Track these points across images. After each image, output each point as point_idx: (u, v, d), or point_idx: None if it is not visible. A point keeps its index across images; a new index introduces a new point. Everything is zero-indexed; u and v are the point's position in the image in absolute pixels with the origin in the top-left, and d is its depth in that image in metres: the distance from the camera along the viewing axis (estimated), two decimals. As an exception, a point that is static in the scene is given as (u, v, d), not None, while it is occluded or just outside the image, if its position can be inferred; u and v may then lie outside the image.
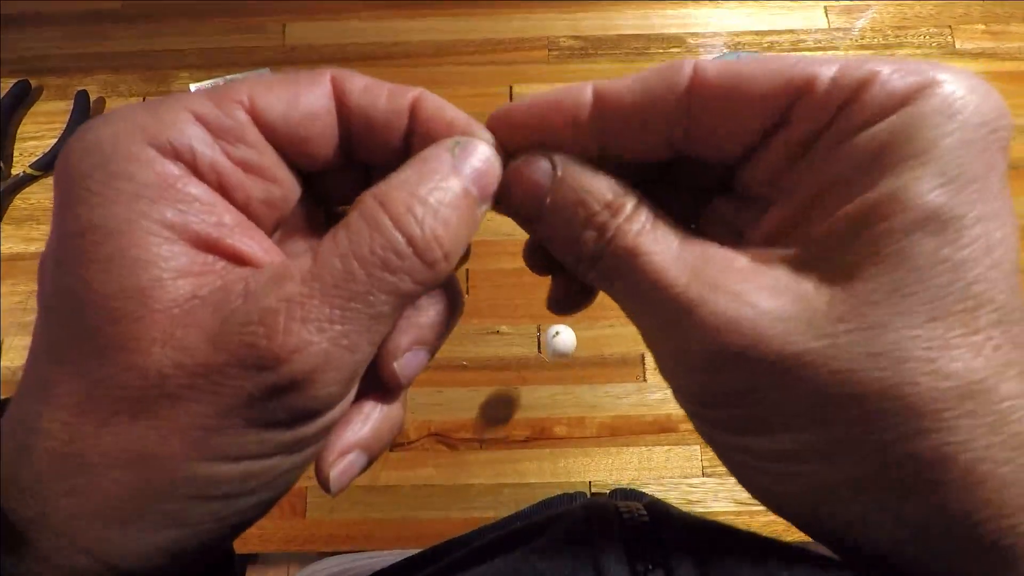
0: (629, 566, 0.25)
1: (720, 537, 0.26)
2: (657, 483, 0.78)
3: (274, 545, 0.78)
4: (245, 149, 0.19)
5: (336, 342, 0.18)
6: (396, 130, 0.21)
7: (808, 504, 0.20)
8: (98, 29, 0.99)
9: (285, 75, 0.20)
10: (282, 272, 0.18)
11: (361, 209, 0.18)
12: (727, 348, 0.18)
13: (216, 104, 0.19)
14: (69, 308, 0.17)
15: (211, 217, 0.18)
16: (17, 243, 0.88)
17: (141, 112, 0.18)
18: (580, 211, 0.20)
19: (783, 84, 0.20)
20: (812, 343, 0.17)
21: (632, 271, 0.19)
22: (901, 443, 0.17)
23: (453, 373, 0.83)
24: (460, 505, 0.79)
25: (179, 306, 0.17)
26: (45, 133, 0.93)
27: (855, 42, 0.96)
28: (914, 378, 0.17)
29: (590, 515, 0.28)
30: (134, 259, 0.17)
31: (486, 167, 0.20)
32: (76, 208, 0.17)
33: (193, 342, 0.17)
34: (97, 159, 0.17)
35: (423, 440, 0.81)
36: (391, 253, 0.18)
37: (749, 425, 0.19)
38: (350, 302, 0.18)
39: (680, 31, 0.97)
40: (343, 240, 0.18)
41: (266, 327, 0.17)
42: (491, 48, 0.96)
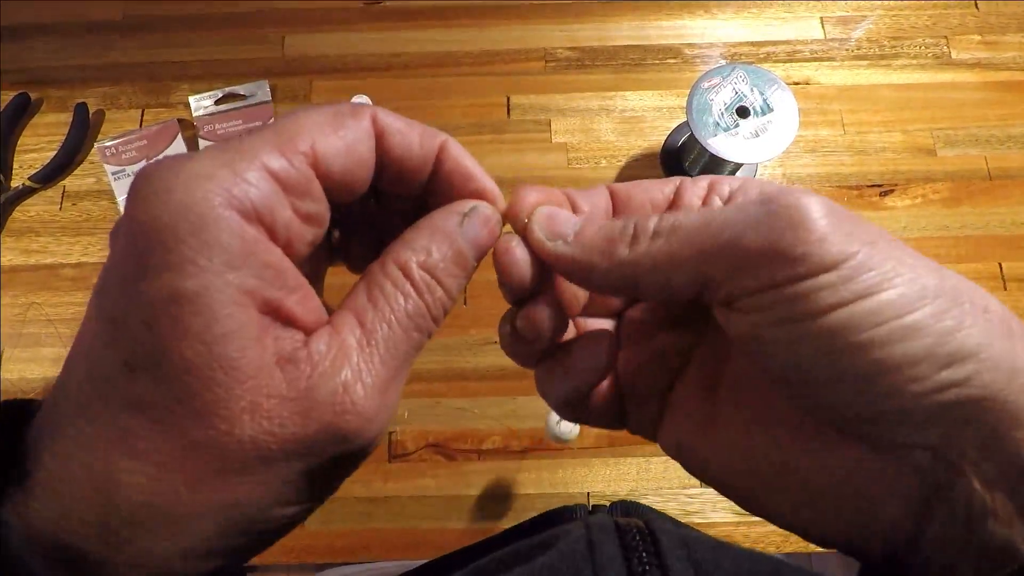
0: (625, 562, 0.25)
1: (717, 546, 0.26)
2: (655, 493, 0.78)
3: (272, 556, 0.78)
4: (310, 203, 0.21)
5: (393, 401, 0.21)
6: (424, 172, 0.24)
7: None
8: (98, 41, 0.99)
9: (333, 110, 0.22)
10: (342, 343, 0.20)
11: (392, 278, 0.22)
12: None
13: (286, 157, 0.20)
14: (161, 373, 0.18)
15: (280, 283, 0.20)
16: (16, 255, 0.88)
17: (222, 169, 0.19)
18: (619, 219, 0.23)
19: (662, 194, 0.27)
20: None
21: (689, 225, 0.21)
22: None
23: (450, 384, 0.83)
24: (458, 515, 0.78)
25: (256, 374, 0.19)
26: (45, 145, 0.93)
27: (851, 53, 0.96)
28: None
29: (590, 530, 0.28)
30: (225, 330, 0.18)
31: (488, 234, 0.24)
32: (169, 274, 0.18)
33: (282, 412, 0.19)
34: (191, 224, 0.18)
35: (421, 451, 0.80)
36: (420, 318, 0.22)
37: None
38: (400, 363, 0.21)
39: (676, 42, 0.97)
40: (384, 307, 0.21)
41: (350, 398, 0.19)
42: (488, 59, 0.97)
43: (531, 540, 0.31)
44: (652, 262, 0.22)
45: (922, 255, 0.20)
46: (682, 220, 0.21)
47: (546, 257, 0.24)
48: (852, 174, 0.91)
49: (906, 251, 0.20)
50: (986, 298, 0.20)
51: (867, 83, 0.95)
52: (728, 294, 0.21)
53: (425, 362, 0.83)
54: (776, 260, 0.19)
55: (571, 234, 0.24)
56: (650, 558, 0.27)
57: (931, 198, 0.89)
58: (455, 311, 0.85)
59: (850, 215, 0.20)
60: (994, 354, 0.18)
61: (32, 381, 0.83)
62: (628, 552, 0.27)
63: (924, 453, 0.20)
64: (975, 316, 0.19)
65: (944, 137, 0.92)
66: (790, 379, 0.21)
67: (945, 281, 0.19)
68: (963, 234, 0.87)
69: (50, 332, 0.85)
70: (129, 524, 0.18)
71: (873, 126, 0.93)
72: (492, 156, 0.90)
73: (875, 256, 0.19)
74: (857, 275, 0.19)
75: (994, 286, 0.85)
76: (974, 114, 0.93)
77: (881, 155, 0.91)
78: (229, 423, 0.18)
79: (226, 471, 0.18)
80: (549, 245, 0.24)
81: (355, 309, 0.21)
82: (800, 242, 0.19)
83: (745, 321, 0.21)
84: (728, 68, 0.79)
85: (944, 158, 0.91)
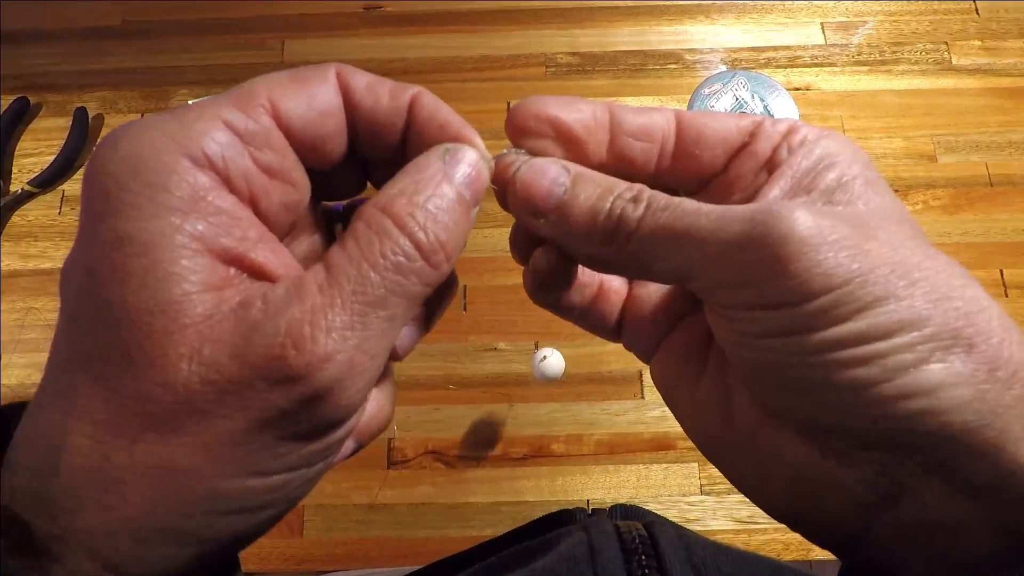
0: (625, 564, 0.25)
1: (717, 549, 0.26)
2: (655, 501, 0.77)
3: (271, 564, 0.77)
4: (270, 153, 0.20)
5: (359, 349, 0.18)
6: (396, 127, 0.22)
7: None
8: (97, 46, 0.99)
9: (294, 72, 0.21)
10: (300, 284, 0.18)
11: (367, 219, 0.19)
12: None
13: (243, 110, 0.20)
14: (100, 320, 0.17)
15: (237, 231, 0.19)
16: (15, 260, 0.88)
17: (172, 121, 0.18)
18: (606, 195, 0.21)
19: (738, 131, 0.24)
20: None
21: (675, 227, 0.20)
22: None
23: (450, 391, 0.82)
24: (458, 523, 0.78)
25: (204, 321, 0.17)
26: (44, 150, 0.93)
27: (851, 58, 0.96)
28: None
29: (590, 533, 0.28)
30: (167, 273, 0.17)
31: (476, 172, 0.22)
32: (112, 219, 0.17)
33: (220, 358, 0.17)
34: (133, 169, 0.17)
35: (420, 458, 0.80)
36: (401, 257, 0.19)
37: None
38: (368, 308, 0.18)
39: (677, 48, 0.97)
40: (354, 249, 0.19)
41: (292, 339, 0.17)
42: (489, 64, 0.97)
43: (531, 543, 0.31)
44: (633, 257, 0.21)
45: (945, 271, 0.19)
46: (669, 217, 0.20)
47: (529, 229, 0.23)
48: (853, 180, 0.90)
49: (914, 272, 0.19)
50: (984, 330, 0.19)
51: (868, 89, 0.95)
52: (710, 298, 0.21)
53: (424, 368, 0.83)
54: (754, 286, 0.19)
55: (553, 211, 0.22)
56: (650, 561, 0.27)
57: (932, 204, 0.89)
58: (454, 316, 0.85)
59: (851, 235, 0.19)
60: (958, 394, 0.18)
61: (31, 387, 0.83)
62: (628, 555, 0.27)
63: (869, 467, 0.20)
64: (950, 352, 0.18)
65: (945, 143, 0.92)
66: (745, 376, 0.22)
67: (941, 309, 0.18)
68: (964, 241, 0.87)
69: (49, 337, 0.85)
70: (69, 493, 0.17)
71: (874, 132, 0.93)
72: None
73: (860, 288, 0.18)
74: (831, 309, 0.18)
75: (995, 293, 0.85)
76: (975, 120, 0.93)
77: (882, 161, 0.91)
78: (164, 372, 0.17)
79: (162, 428, 0.17)
80: (531, 220, 0.22)
81: (326, 257, 0.19)
82: (776, 276, 0.19)
83: (721, 324, 0.22)
84: (729, 74, 0.79)
85: (945, 164, 0.91)
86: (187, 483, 0.17)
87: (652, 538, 0.28)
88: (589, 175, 0.22)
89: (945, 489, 0.19)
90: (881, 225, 0.20)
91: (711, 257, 0.20)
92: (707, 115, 0.24)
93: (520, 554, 0.30)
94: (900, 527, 0.20)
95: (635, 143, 0.23)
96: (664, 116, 0.24)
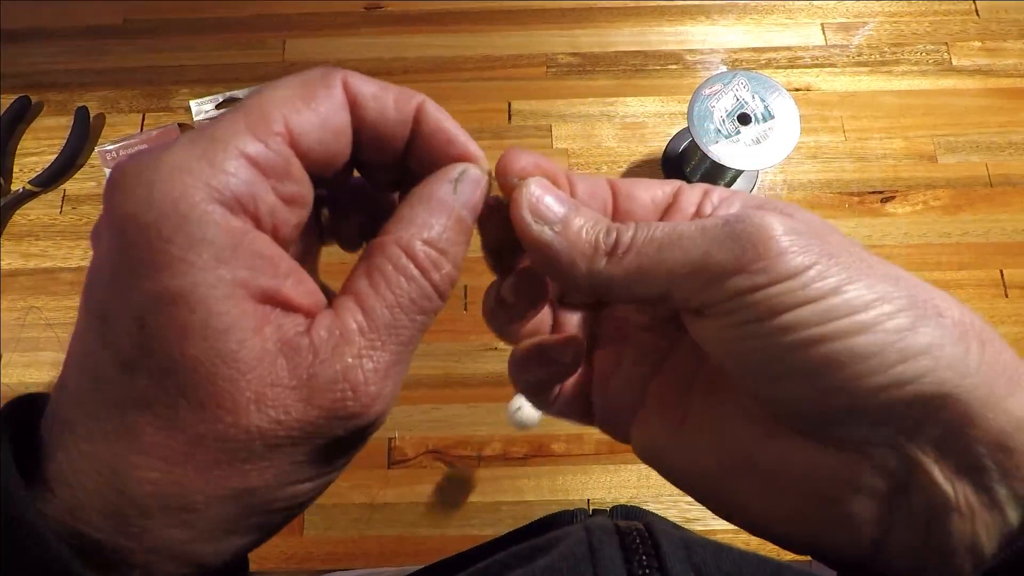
0: (625, 565, 0.25)
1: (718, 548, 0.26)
2: (655, 501, 0.77)
3: (272, 563, 0.77)
4: (291, 184, 0.21)
5: (396, 380, 0.21)
6: (400, 137, 0.23)
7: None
8: (99, 45, 0.99)
9: (301, 81, 0.21)
10: (343, 327, 0.20)
11: (393, 259, 0.21)
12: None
13: (262, 139, 0.20)
14: (157, 367, 0.18)
15: (271, 270, 0.20)
16: (16, 259, 0.88)
17: (200, 161, 0.19)
18: (602, 219, 0.23)
19: (663, 195, 0.26)
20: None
21: (663, 239, 0.22)
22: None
23: (450, 390, 0.82)
24: (458, 522, 0.78)
25: (257, 365, 0.19)
26: (45, 149, 0.93)
27: (852, 59, 0.96)
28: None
29: (590, 533, 0.28)
30: (223, 326, 0.18)
31: (481, 194, 0.23)
32: (160, 273, 0.18)
33: (286, 401, 0.19)
34: (175, 223, 0.18)
35: (420, 457, 0.80)
36: (425, 300, 0.21)
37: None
38: (401, 346, 0.21)
39: (677, 48, 0.97)
40: (387, 293, 0.21)
41: (351, 384, 0.20)
42: (490, 64, 0.97)
43: (531, 542, 0.31)
44: (624, 274, 0.22)
45: (886, 264, 0.22)
46: (655, 234, 0.22)
47: (526, 240, 0.24)
48: (853, 180, 0.91)
49: (868, 261, 0.21)
50: (943, 302, 0.21)
51: (868, 89, 0.95)
52: (694, 304, 0.22)
53: (425, 368, 0.83)
54: (739, 274, 0.20)
55: (559, 222, 0.23)
56: (650, 561, 0.27)
57: (932, 205, 0.89)
58: (455, 316, 0.85)
59: (814, 231, 0.21)
60: (947, 353, 0.19)
61: (31, 385, 0.83)
62: (629, 554, 0.27)
63: (883, 451, 0.20)
64: (928, 318, 0.20)
65: (945, 144, 0.92)
66: (746, 376, 0.22)
67: (901, 287, 0.20)
68: (964, 241, 0.87)
69: (49, 336, 0.85)
70: (144, 514, 0.18)
71: (874, 132, 0.93)
72: (493, 162, 0.90)
73: (833, 267, 0.20)
74: (812, 282, 0.20)
75: (995, 293, 0.85)
76: (975, 121, 0.93)
77: (882, 161, 0.91)
78: (235, 415, 0.18)
79: (235, 460, 0.19)
80: (535, 228, 0.23)
81: (356, 293, 0.21)
82: (760, 257, 0.20)
83: (708, 325, 0.22)
84: (729, 75, 0.79)
85: (945, 165, 0.91)
86: (256, 497, 0.20)
87: (653, 538, 0.28)
88: (580, 210, 0.24)
89: (949, 467, 0.20)
90: (829, 231, 0.22)
91: (695, 260, 0.21)
92: (637, 182, 0.27)
93: (520, 553, 0.30)
94: (914, 517, 0.20)
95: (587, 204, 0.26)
96: (603, 185, 0.26)
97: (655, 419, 0.27)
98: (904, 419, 0.20)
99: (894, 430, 0.20)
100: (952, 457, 0.20)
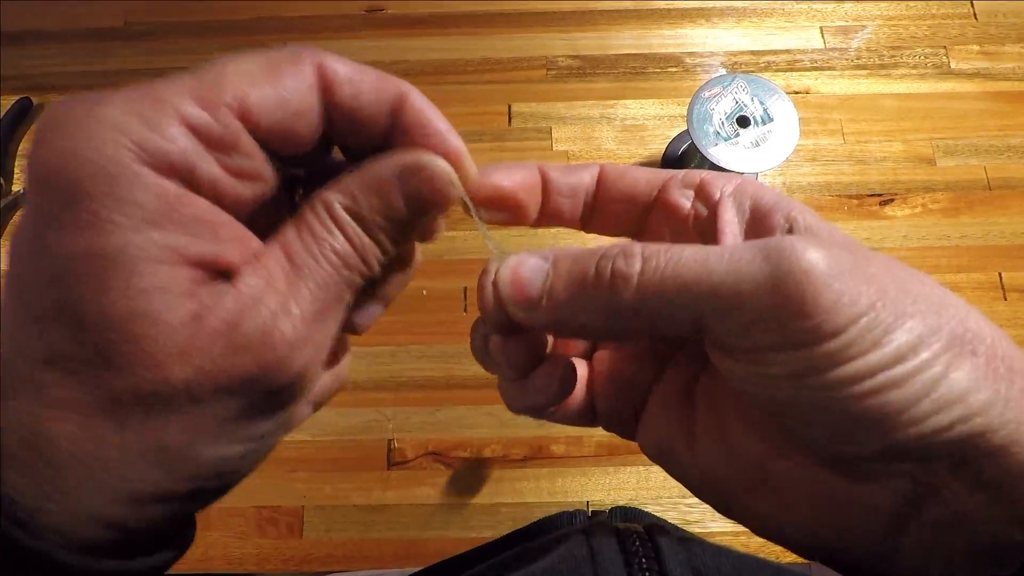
0: (625, 567, 0.25)
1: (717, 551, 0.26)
2: (655, 503, 0.77)
3: (271, 565, 0.77)
4: (239, 158, 0.19)
5: (323, 336, 0.21)
6: (379, 123, 0.22)
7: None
8: (100, 47, 0.99)
9: (267, 57, 0.20)
10: (268, 274, 0.20)
11: (320, 217, 0.21)
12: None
13: (207, 108, 0.19)
14: (72, 324, 0.18)
15: (208, 235, 0.19)
16: (16, 260, 0.88)
17: (130, 118, 0.18)
18: (588, 259, 0.21)
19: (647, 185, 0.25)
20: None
21: (684, 275, 0.20)
22: None
23: (450, 392, 0.83)
24: (457, 524, 0.78)
25: (187, 324, 0.18)
26: (45, 150, 0.93)
27: (851, 62, 0.97)
28: None
29: (590, 535, 0.28)
30: (146, 287, 0.18)
31: (433, 192, 0.21)
32: (84, 233, 0.17)
33: (211, 350, 0.18)
34: (101, 182, 0.17)
35: (420, 459, 0.80)
36: (349, 257, 0.21)
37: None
38: (326, 295, 0.20)
39: (677, 51, 0.98)
40: (310, 241, 0.20)
41: (275, 329, 0.19)
42: (489, 67, 0.97)
43: (531, 544, 0.31)
44: (639, 317, 0.21)
45: (925, 279, 0.20)
46: (673, 266, 0.20)
47: (522, 323, 0.23)
48: (852, 183, 0.91)
49: (910, 287, 0.20)
50: (977, 327, 0.19)
51: (867, 93, 0.95)
52: (724, 344, 0.20)
53: (424, 370, 0.83)
54: (780, 328, 0.19)
55: (543, 297, 0.22)
56: (650, 563, 0.27)
57: (931, 208, 0.89)
58: (454, 318, 0.85)
59: (855, 261, 0.19)
60: (981, 398, 0.19)
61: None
62: (628, 557, 0.27)
63: (901, 480, 0.20)
64: (963, 356, 0.19)
65: (944, 147, 0.92)
66: (774, 414, 0.21)
67: (943, 318, 0.19)
68: (963, 244, 0.87)
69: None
70: (61, 472, 0.18)
71: (873, 135, 0.93)
72: (492, 160, 0.90)
73: (880, 312, 0.19)
74: (860, 337, 0.18)
75: (994, 296, 0.85)
76: (974, 124, 0.93)
77: (881, 164, 0.91)
78: (155, 370, 0.18)
79: (156, 414, 0.18)
80: (523, 315, 0.22)
81: (283, 243, 0.20)
82: (808, 314, 0.18)
83: (739, 367, 0.21)
84: (728, 78, 0.79)
85: (944, 168, 0.91)
86: (177, 457, 0.19)
87: (652, 540, 0.28)
88: (566, 251, 0.22)
89: (966, 485, 0.19)
90: (860, 249, 0.21)
91: (727, 302, 0.19)
92: (628, 170, 0.26)
93: (520, 556, 0.30)
94: (925, 529, 0.20)
95: (564, 200, 0.25)
96: (589, 173, 0.25)
97: (660, 423, 0.26)
98: (932, 459, 0.19)
99: (915, 465, 0.20)
100: (971, 477, 0.19)
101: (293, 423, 0.23)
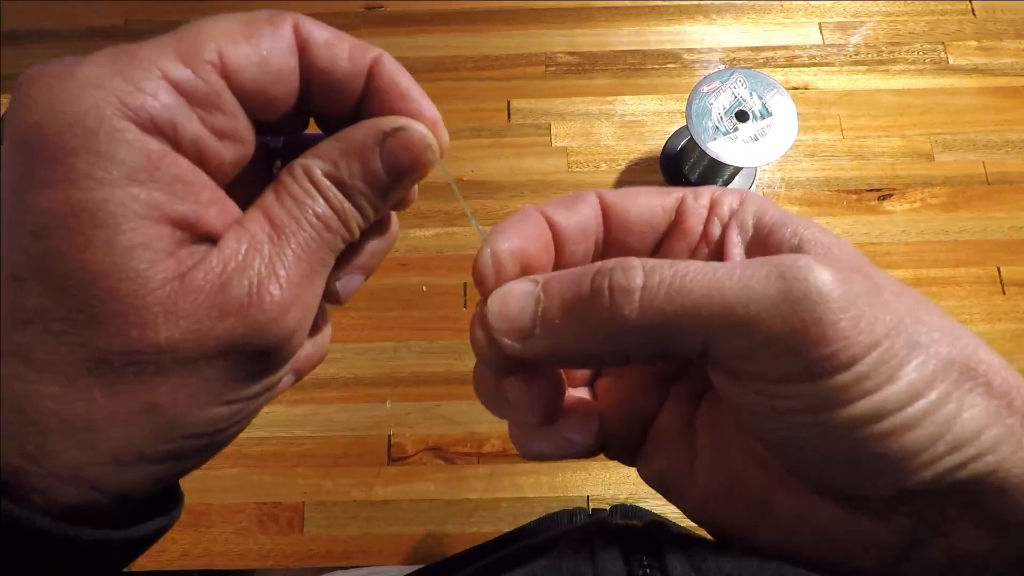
0: (626, 566, 0.25)
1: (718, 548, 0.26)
2: (655, 498, 0.77)
3: (272, 561, 0.78)
4: (221, 117, 0.19)
5: (309, 299, 0.21)
6: (353, 90, 0.22)
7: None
8: (100, 46, 0.97)
9: (246, 16, 0.20)
10: (252, 237, 0.19)
11: (300, 181, 0.21)
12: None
13: (190, 65, 0.19)
14: (54, 282, 0.17)
15: (191, 196, 0.19)
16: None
17: (111, 76, 0.18)
18: (582, 277, 0.20)
19: (663, 212, 0.24)
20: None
21: (693, 292, 0.19)
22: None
23: (450, 387, 0.83)
24: (458, 519, 0.78)
25: (171, 283, 0.18)
26: (46, 149, 0.93)
27: (849, 58, 0.97)
28: None
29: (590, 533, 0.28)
30: (131, 243, 0.17)
31: (412, 158, 0.21)
32: (64, 187, 0.17)
33: (198, 312, 0.18)
34: (81, 136, 0.17)
35: (421, 454, 0.80)
36: (330, 219, 0.21)
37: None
38: (310, 257, 0.20)
39: (675, 47, 0.98)
40: (291, 204, 0.20)
41: (263, 289, 0.19)
42: (489, 64, 0.97)
43: (530, 542, 0.31)
44: (642, 337, 0.20)
45: (934, 308, 0.20)
46: (680, 281, 0.19)
47: (519, 357, 0.21)
48: (851, 178, 0.91)
49: (924, 316, 0.19)
50: (988, 362, 0.19)
51: (865, 88, 0.95)
52: (729, 367, 0.20)
53: (425, 365, 0.83)
54: (792, 353, 0.18)
55: (536, 324, 0.21)
56: (651, 560, 0.27)
57: (929, 203, 0.89)
58: (455, 314, 0.85)
59: (871, 285, 0.19)
60: (992, 436, 0.18)
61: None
62: (629, 554, 0.27)
63: (906, 518, 0.20)
64: (975, 394, 0.18)
65: (942, 142, 0.92)
66: (782, 452, 0.20)
67: (956, 349, 0.19)
68: (961, 238, 0.87)
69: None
70: (42, 433, 0.17)
71: (872, 131, 0.93)
72: (492, 161, 0.91)
73: (895, 342, 0.18)
74: (874, 370, 0.18)
75: (992, 290, 0.85)
76: (972, 119, 0.93)
77: (879, 160, 0.92)
78: (141, 328, 0.18)
79: (143, 375, 0.18)
80: (519, 348, 0.21)
81: (264, 208, 0.20)
82: (826, 341, 0.18)
83: (744, 395, 0.20)
84: (727, 72, 0.79)
85: (942, 163, 0.91)
86: (164, 416, 0.19)
87: (652, 537, 0.28)
88: (555, 273, 0.21)
89: (973, 526, 0.19)
90: (871, 268, 0.20)
91: (737, 321, 0.18)
92: (631, 196, 0.24)
93: (520, 553, 0.30)
94: (928, 564, 0.20)
95: (577, 248, 0.23)
96: (591, 206, 0.24)
97: (661, 452, 0.26)
98: (943, 499, 0.19)
99: (923, 504, 0.19)
100: (979, 516, 0.19)
101: (277, 390, 0.23)
